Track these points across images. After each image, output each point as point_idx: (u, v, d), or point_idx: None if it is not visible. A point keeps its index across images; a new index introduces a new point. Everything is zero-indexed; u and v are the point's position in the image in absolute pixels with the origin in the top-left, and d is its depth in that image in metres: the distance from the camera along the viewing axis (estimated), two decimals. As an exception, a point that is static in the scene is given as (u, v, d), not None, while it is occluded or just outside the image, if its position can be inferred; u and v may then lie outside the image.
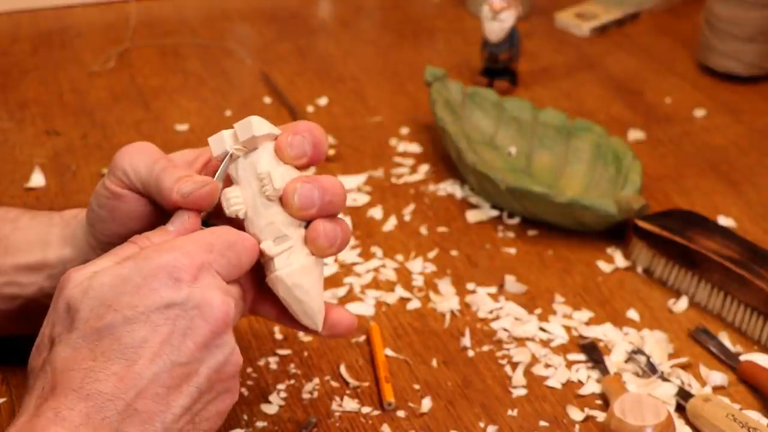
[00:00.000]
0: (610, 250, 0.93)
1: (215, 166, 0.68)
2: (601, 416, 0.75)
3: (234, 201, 0.66)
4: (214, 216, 0.68)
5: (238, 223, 0.66)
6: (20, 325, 0.75)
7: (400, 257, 0.92)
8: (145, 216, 0.68)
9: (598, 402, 0.77)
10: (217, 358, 0.61)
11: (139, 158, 0.67)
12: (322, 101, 1.17)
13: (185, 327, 0.60)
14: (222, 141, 0.66)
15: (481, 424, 0.75)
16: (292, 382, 0.78)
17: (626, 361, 0.80)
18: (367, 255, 0.92)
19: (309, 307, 0.67)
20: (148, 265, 0.60)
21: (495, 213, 0.97)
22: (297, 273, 0.66)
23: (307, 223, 0.66)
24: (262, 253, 0.66)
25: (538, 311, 0.86)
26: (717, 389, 0.78)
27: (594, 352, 0.81)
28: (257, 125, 0.64)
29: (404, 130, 1.11)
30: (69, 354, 0.59)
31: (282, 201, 0.66)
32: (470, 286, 0.88)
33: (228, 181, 0.67)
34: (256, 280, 0.69)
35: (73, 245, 0.72)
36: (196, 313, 0.60)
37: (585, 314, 0.85)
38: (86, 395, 0.57)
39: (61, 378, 0.58)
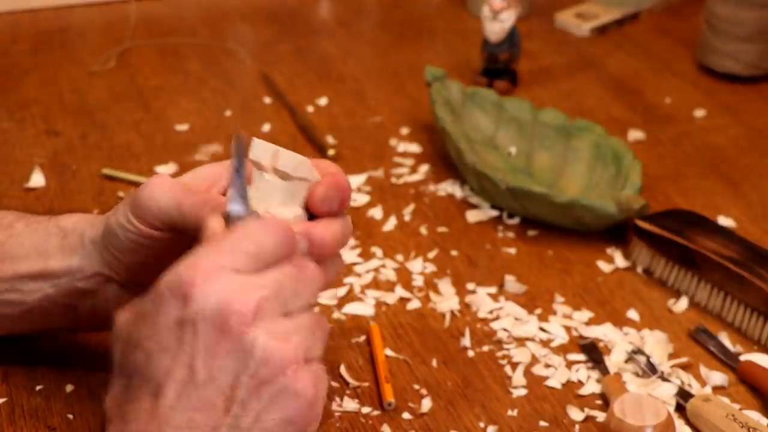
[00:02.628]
0: (610, 250, 0.93)
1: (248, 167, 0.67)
2: (601, 416, 0.75)
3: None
4: None
5: None
6: (21, 327, 0.75)
7: (400, 257, 0.92)
8: (180, 246, 0.66)
9: (598, 402, 0.77)
10: (243, 362, 0.56)
11: (165, 198, 0.66)
12: (322, 101, 1.17)
13: (201, 341, 0.55)
14: (263, 150, 0.64)
15: (481, 424, 0.75)
16: (292, 382, 0.78)
17: (626, 361, 0.80)
18: (367, 255, 0.92)
19: None
20: (157, 290, 0.57)
21: (495, 213, 0.97)
22: None
23: None
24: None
25: (538, 311, 0.86)
26: (717, 389, 0.78)
27: (594, 352, 0.81)
28: (297, 166, 0.64)
29: (404, 130, 1.11)
30: (110, 401, 0.58)
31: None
32: (470, 286, 0.88)
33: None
34: None
35: (81, 256, 0.71)
36: (206, 322, 0.55)
37: (585, 314, 0.85)
38: None
39: (107, 427, 0.58)
